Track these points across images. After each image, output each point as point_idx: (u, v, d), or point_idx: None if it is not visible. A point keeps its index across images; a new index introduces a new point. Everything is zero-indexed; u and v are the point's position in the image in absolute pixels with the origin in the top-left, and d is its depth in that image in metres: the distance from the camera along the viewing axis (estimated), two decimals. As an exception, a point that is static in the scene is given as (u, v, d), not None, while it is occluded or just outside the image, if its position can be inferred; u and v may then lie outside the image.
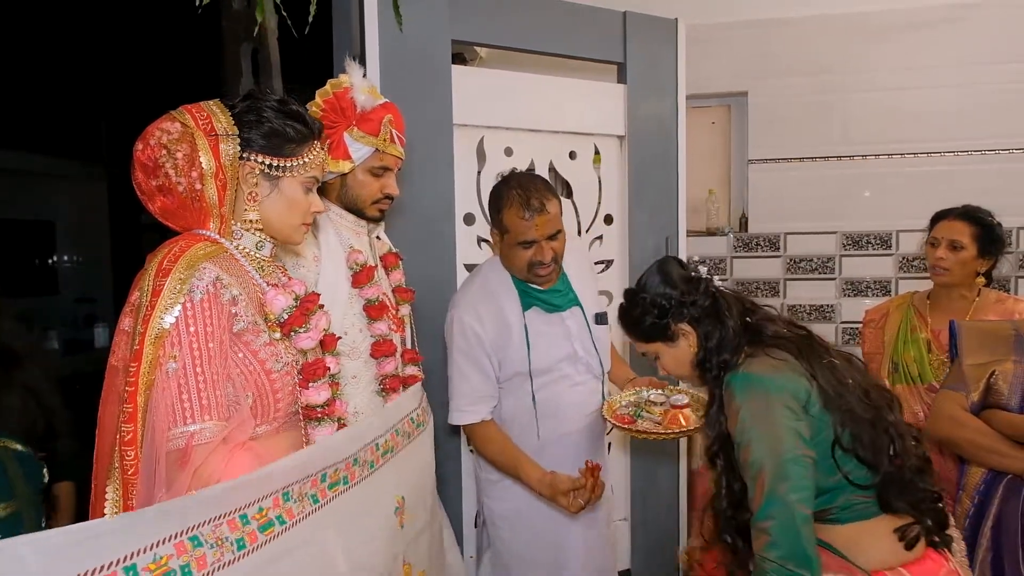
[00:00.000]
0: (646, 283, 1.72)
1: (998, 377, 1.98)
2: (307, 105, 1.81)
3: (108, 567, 0.94)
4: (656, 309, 1.68)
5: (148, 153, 1.33)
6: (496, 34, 2.73)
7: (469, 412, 2.20)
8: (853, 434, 1.45)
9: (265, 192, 1.42)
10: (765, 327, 1.61)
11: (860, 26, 3.82)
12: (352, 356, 1.82)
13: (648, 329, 1.71)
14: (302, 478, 1.28)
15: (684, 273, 1.71)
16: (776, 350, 1.53)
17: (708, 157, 4.17)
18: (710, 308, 1.66)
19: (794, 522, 1.34)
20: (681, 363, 1.71)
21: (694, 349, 1.67)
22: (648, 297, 1.69)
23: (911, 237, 3.75)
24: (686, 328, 1.67)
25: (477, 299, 2.21)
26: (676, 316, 1.67)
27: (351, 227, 1.92)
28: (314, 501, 1.29)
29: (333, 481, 1.36)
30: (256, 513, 1.16)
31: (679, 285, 1.68)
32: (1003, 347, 2.03)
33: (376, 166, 1.87)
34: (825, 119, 3.89)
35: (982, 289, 2.49)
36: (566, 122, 2.89)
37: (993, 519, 1.94)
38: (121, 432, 1.20)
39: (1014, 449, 1.92)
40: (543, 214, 2.08)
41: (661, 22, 3.04)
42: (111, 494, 1.21)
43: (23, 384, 2.09)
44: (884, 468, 1.44)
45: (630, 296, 1.75)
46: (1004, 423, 1.95)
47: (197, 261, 1.28)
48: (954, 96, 3.74)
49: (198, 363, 1.23)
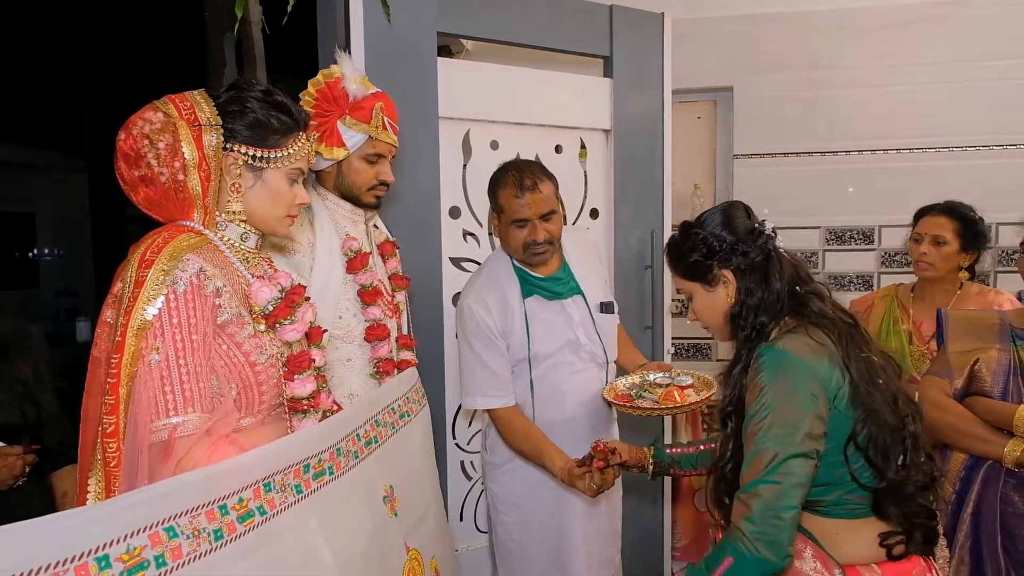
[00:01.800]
0: (705, 220, 1.63)
1: (981, 364, 2.01)
2: (300, 95, 1.84)
3: (80, 557, 0.93)
4: (705, 248, 1.60)
5: (130, 143, 1.32)
6: (482, 27, 2.72)
7: (494, 397, 2.24)
8: (871, 435, 1.41)
9: (249, 183, 1.41)
10: (811, 301, 1.54)
11: (845, 22, 3.84)
12: (347, 340, 1.88)
13: (691, 266, 1.62)
14: (284, 468, 1.27)
15: (747, 223, 1.61)
16: (817, 330, 1.48)
17: (694, 152, 4.18)
18: (760, 264, 1.57)
19: (779, 508, 1.31)
20: (713, 311, 1.63)
21: (731, 301, 1.59)
22: (701, 234, 1.61)
23: (894, 232, 3.78)
24: (728, 276, 1.59)
25: (484, 288, 2.27)
26: (722, 261, 1.58)
27: (348, 215, 1.96)
28: (297, 491, 1.29)
29: (317, 471, 1.36)
30: (236, 504, 1.15)
31: (737, 232, 1.59)
32: (988, 335, 2.05)
33: (370, 153, 1.91)
34: (810, 115, 3.91)
35: (964, 282, 2.53)
36: (552, 116, 2.88)
37: (973, 505, 1.97)
38: (103, 424, 1.19)
39: (994, 435, 1.94)
40: (535, 193, 2.14)
41: (647, 16, 3.04)
42: (93, 486, 1.20)
43: (13, 376, 2.07)
44: (890, 475, 1.42)
45: (684, 229, 1.66)
46: (985, 409, 1.97)
47: (180, 252, 1.28)
48: (938, 93, 3.77)
49: (181, 355, 1.22)
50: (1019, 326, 2.03)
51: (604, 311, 2.33)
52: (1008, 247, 3.73)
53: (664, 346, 3.12)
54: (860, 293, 3.78)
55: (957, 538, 1.98)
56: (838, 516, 1.46)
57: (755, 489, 1.33)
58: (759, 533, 1.30)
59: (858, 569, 1.44)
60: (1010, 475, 1.93)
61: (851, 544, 1.45)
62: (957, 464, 2.04)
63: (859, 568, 1.44)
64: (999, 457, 1.92)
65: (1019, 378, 1.98)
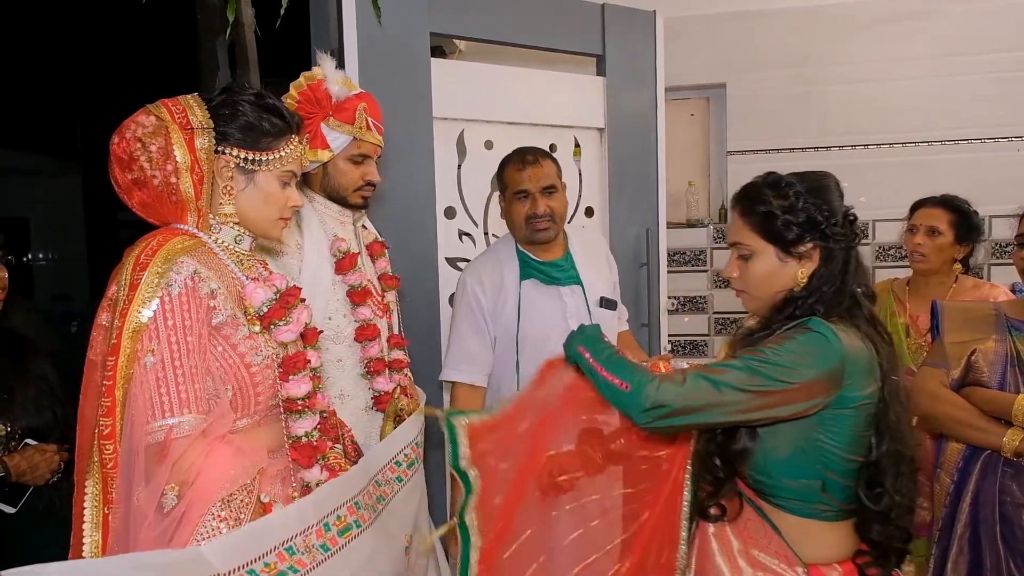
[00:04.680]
0: (814, 184, 1.44)
1: (979, 355, 2.01)
2: (282, 98, 1.82)
3: None
4: (805, 215, 1.41)
5: (123, 146, 1.32)
6: (475, 27, 2.73)
7: (462, 372, 2.29)
8: (889, 453, 1.38)
9: (240, 186, 1.41)
10: (865, 307, 1.43)
11: (838, 18, 3.86)
12: (337, 340, 1.88)
13: (777, 226, 1.42)
14: (303, 529, 1.29)
15: (843, 205, 1.46)
16: (863, 334, 1.39)
17: (687, 149, 4.19)
18: (845, 254, 1.43)
19: (687, 392, 1.28)
20: (771, 282, 1.45)
21: (801, 280, 1.42)
22: (804, 197, 1.41)
23: (887, 227, 3.79)
24: (815, 255, 1.42)
25: (483, 266, 2.33)
26: (819, 237, 1.41)
27: (335, 216, 1.96)
28: (324, 550, 1.32)
29: (342, 528, 1.38)
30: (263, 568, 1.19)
31: (837, 211, 1.43)
32: (984, 326, 2.05)
33: (355, 154, 1.91)
34: (803, 111, 3.92)
35: (959, 276, 2.54)
36: (546, 115, 2.89)
37: (971, 495, 1.97)
38: (100, 426, 1.19)
39: (992, 424, 1.94)
40: (536, 166, 2.24)
41: (640, 14, 3.05)
42: (90, 488, 1.20)
43: (39, 374, 2.10)
44: (885, 501, 1.39)
45: (777, 183, 1.46)
46: (983, 399, 1.97)
47: (175, 255, 1.28)
48: (930, 87, 3.79)
49: (176, 357, 1.23)
50: (1015, 317, 2.04)
51: (603, 306, 2.35)
52: (1001, 240, 3.74)
53: (660, 343, 3.12)
54: (855, 288, 3.78)
55: (955, 528, 1.98)
56: (802, 515, 1.43)
57: (696, 376, 1.30)
58: (664, 393, 1.28)
59: (820, 569, 1.42)
60: (1008, 464, 1.93)
61: (819, 545, 1.44)
62: (954, 455, 2.04)
63: (821, 568, 1.42)
64: (998, 447, 1.92)
65: (1016, 368, 1.98)
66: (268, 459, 1.37)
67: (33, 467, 1.97)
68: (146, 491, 1.18)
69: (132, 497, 1.19)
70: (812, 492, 1.41)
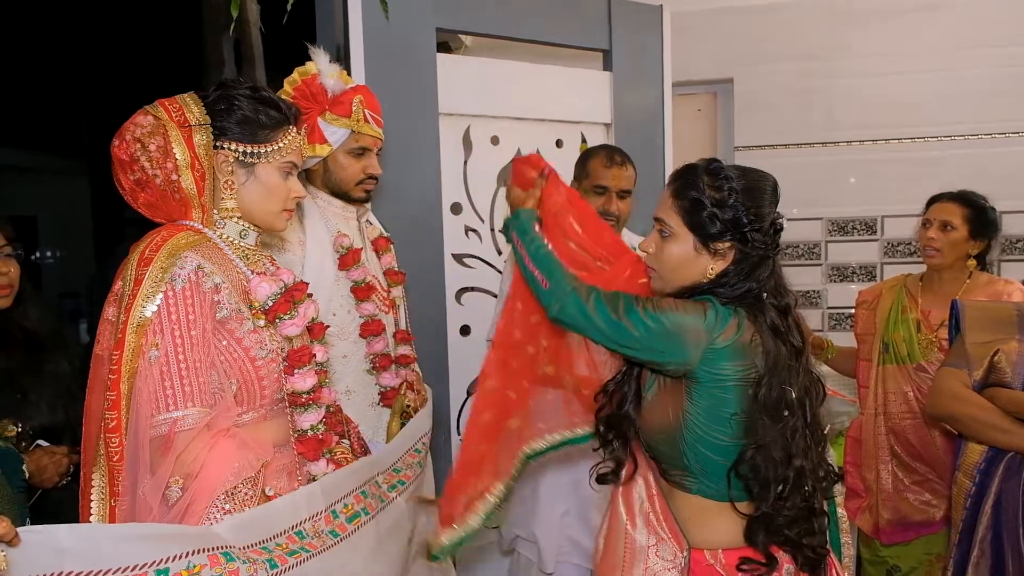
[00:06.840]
0: (751, 184, 1.44)
1: (1002, 356, 1.98)
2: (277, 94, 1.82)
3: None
4: (732, 213, 1.40)
5: (124, 148, 1.33)
6: (481, 22, 2.72)
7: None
8: (755, 466, 1.37)
9: (241, 180, 1.41)
10: (769, 313, 1.42)
11: (845, 12, 3.83)
12: (342, 336, 1.88)
13: (702, 217, 1.41)
14: (312, 515, 1.34)
15: (773, 213, 1.45)
16: (755, 328, 1.40)
17: (694, 144, 4.17)
18: (757, 260, 1.43)
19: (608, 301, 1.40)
20: (681, 269, 1.46)
21: (707, 275, 1.44)
22: (736, 195, 1.41)
23: (896, 222, 3.77)
24: (728, 256, 1.43)
25: None
26: (739, 239, 1.41)
27: (339, 212, 1.96)
28: (333, 535, 1.34)
29: (350, 515, 1.41)
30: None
31: (764, 217, 1.42)
32: (1006, 327, 2.03)
33: (354, 147, 1.90)
34: (810, 105, 3.90)
35: (973, 271, 2.51)
36: (552, 110, 2.88)
37: (994, 497, 1.94)
38: (105, 420, 1.21)
39: (1017, 426, 1.91)
40: (621, 167, 2.31)
41: (646, 9, 3.04)
42: (97, 480, 1.22)
43: (54, 372, 2.05)
44: (764, 508, 1.38)
45: (718, 170, 1.44)
46: (1007, 400, 1.94)
47: (179, 250, 1.29)
48: (938, 81, 3.76)
49: (180, 351, 1.24)
50: None
51: None
52: (1011, 235, 3.71)
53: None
54: (863, 284, 3.76)
55: (977, 531, 1.94)
56: (705, 496, 1.44)
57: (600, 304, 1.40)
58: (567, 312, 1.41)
59: (703, 553, 1.42)
60: (1031, 467, 1.91)
61: (708, 529, 1.44)
62: (975, 456, 2.00)
63: (704, 552, 1.42)
64: (1021, 448, 1.90)
65: None
66: (274, 453, 1.37)
67: (41, 470, 1.91)
68: (151, 483, 1.20)
69: (138, 490, 1.20)
70: (688, 467, 1.43)
